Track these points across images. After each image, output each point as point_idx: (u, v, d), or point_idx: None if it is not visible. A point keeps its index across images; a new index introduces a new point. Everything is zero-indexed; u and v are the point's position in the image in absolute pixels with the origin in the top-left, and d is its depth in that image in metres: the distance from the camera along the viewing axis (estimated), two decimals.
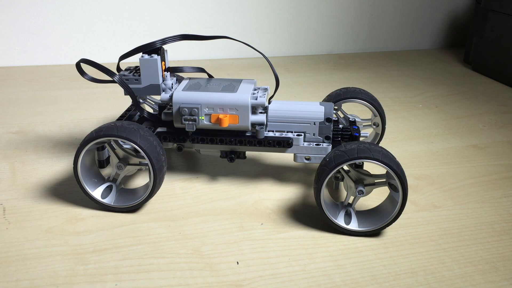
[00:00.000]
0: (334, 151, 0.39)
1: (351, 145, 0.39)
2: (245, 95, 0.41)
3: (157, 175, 0.39)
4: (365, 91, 0.50)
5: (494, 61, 0.83)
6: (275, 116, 0.44)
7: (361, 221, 0.41)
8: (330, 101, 0.50)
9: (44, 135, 0.54)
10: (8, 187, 0.44)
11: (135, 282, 0.35)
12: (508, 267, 0.38)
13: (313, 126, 0.44)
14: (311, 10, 0.89)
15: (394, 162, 0.38)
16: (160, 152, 0.40)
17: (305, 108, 0.44)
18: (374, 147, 0.38)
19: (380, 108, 0.50)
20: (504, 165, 0.54)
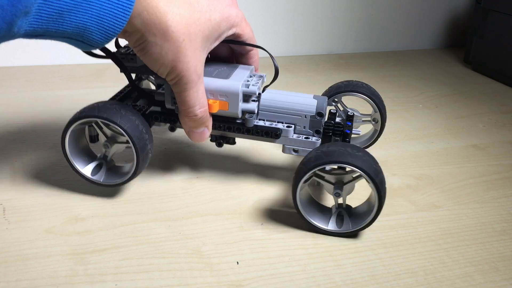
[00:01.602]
0: (315, 151, 0.38)
1: (333, 147, 0.38)
2: (237, 82, 0.40)
3: (139, 154, 0.40)
4: (367, 86, 0.50)
5: (494, 61, 0.83)
6: (267, 106, 0.43)
7: (344, 221, 0.41)
8: (330, 93, 0.49)
9: (44, 135, 0.54)
10: (8, 187, 0.44)
11: (135, 282, 0.35)
12: (508, 267, 0.38)
13: (304, 119, 0.43)
14: (311, 10, 0.89)
15: (373, 169, 0.37)
16: (143, 130, 0.40)
17: (297, 100, 0.43)
18: (356, 151, 0.37)
19: (381, 104, 0.50)
20: (504, 165, 0.54)
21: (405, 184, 0.49)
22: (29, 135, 0.54)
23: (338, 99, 0.50)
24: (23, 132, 0.54)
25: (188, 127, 0.40)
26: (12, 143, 0.52)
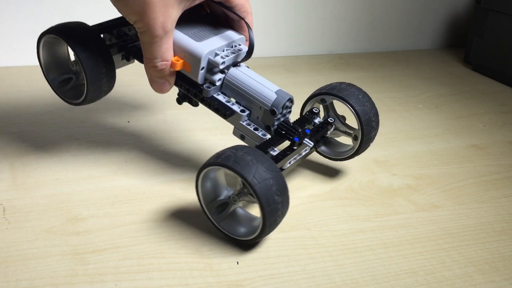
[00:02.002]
0: (229, 149, 0.36)
1: (237, 152, 0.35)
2: (204, 48, 0.39)
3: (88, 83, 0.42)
4: (363, 98, 0.45)
5: (494, 61, 0.83)
6: (231, 82, 0.41)
7: (239, 224, 0.39)
8: (322, 91, 0.46)
9: (44, 135, 0.54)
10: (8, 187, 0.44)
11: (135, 282, 0.35)
12: (508, 267, 0.38)
13: (259, 110, 0.41)
14: (311, 10, 0.89)
15: (264, 187, 0.34)
16: (99, 62, 0.42)
17: (259, 88, 0.41)
18: (254, 162, 0.35)
19: (368, 123, 0.45)
20: (504, 165, 0.54)
21: (405, 184, 0.49)
22: (29, 135, 0.54)
23: (327, 100, 0.46)
24: (23, 132, 0.54)
25: (149, 75, 0.40)
26: (12, 143, 0.52)
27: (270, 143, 0.40)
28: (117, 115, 0.60)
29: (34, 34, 0.76)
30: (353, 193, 0.47)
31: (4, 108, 0.61)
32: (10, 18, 0.74)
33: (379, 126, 0.47)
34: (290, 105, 0.42)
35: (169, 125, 0.58)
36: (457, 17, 1.01)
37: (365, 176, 0.50)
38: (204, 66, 0.40)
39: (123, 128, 0.57)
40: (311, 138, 0.42)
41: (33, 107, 0.61)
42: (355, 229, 0.42)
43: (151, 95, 0.67)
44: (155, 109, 0.62)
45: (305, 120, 0.44)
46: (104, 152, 0.51)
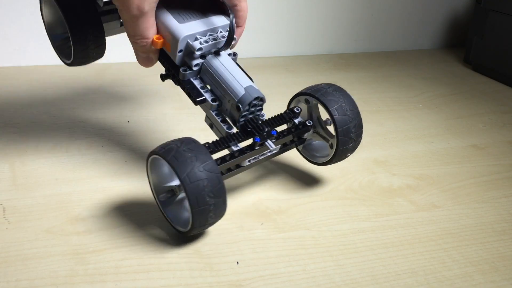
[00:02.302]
0: (175, 141, 0.36)
1: (181, 146, 0.35)
2: (185, 31, 0.38)
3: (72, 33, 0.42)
4: (345, 106, 0.42)
5: (494, 61, 0.83)
6: (206, 70, 0.40)
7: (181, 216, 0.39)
8: (308, 90, 0.44)
9: (44, 135, 0.54)
10: (8, 187, 0.44)
11: (135, 282, 0.35)
12: (508, 267, 0.38)
13: (228, 103, 0.40)
14: (311, 10, 0.89)
15: (195, 187, 0.34)
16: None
17: (230, 81, 0.39)
18: (193, 160, 0.34)
19: (346, 134, 0.42)
20: (504, 165, 0.54)
21: (405, 184, 0.49)
22: (29, 135, 0.54)
23: (310, 101, 0.44)
24: (23, 132, 0.54)
25: (134, 49, 0.40)
26: (12, 143, 0.52)
27: (233, 138, 0.39)
28: (117, 115, 0.60)
29: (34, 34, 0.76)
30: (353, 193, 0.47)
31: (4, 108, 0.61)
32: (10, 18, 0.74)
33: (360, 138, 0.44)
34: (258, 103, 0.40)
35: (169, 125, 0.58)
36: (457, 17, 1.01)
37: (365, 176, 0.50)
38: (182, 49, 0.39)
39: (123, 128, 0.57)
40: (278, 139, 0.41)
41: (33, 107, 0.61)
42: (355, 229, 0.42)
43: (151, 95, 0.67)
44: (155, 109, 0.62)
45: (281, 119, 0.42)
46: (104, 152, 0.51)
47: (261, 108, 0.40)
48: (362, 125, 0.43)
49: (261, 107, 0.40)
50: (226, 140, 0.39)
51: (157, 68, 0.44)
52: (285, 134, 0.42)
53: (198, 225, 0.36)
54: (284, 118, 0.43)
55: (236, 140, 0.40)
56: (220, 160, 0.38)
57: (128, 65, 0.78)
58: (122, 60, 0.80)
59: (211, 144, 0.39)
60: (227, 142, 0.39)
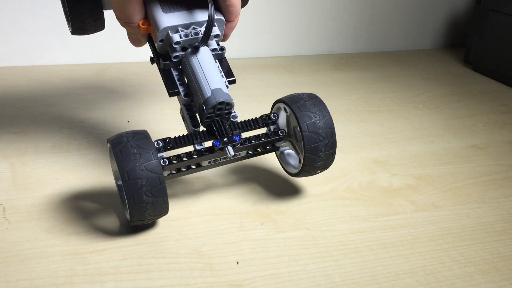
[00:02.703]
0: (128, 134, 0.36)
1: (129, 141, 0.35)
2: (167, 22, 0.38)
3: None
4: (319, 122, 0.40)
5: (494, 61, 0.83)
6: (184, 64, 0.39)
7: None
8: (286, 100, 0.42)
9: (44, 135, 0.54)
10: (8, 187, 0.44)
11: (135, 282, 0.35)
12: (508, 267, 0.38)
13: (197, 101, 0.39)
14: (311, 10, 0.89)
15: (132, 185, 0.34)
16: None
17: (201, 81, 0.38)
18: (136, 157, 0.34)
19: (313, 152, 0.40)
20: (504, 165, 0.54)
21: (405, 184, 0.49)
22: (29, 135, 0.54)
23: (287, 111, 0.42)
24: (23, 132, 0.54)
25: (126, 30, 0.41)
26: (12, 143, 0.52)
27: (197, 136, 0.39)
28: (117, 115, 0.60)
29: (34, 34, 0.76)
30: (353, 193, 0.47)
31: (4, 108, 0.61)
32: (10, 18, 0.74)
33: (333, 158, 0.42)
34: (223, 107, 0.38)
35: (169, 125, 0.58)
36: (457, 17, 1.01)
37: (365, 176, 0.50)
38: (163, 39, 0.39)
39: (123, 128, 0.57)
40: (243, 145, 0.40)
41: (33, 107, 0.61)
42: (355, 229, 0.42)
43: (151, 95, 0.67)
44: (155, 109, 0.63)
45: (255, 124, 0.41)
46: (104, 152, 0.51)
47: (229, 112, 0.39)
48: (336, 144, 0.41)
49: (228, 111, 0.39)
50: (190, 138, 0.39)
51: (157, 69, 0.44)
52: (252, 141, 0.40)
53: (137, 219, 0.36)
54: (258, 123, 0.41)
55: (200, 139, 0.39)
56: (168, 160, 0.38)
57: (128, 65, 0.78)
58: (122, 60, 0.80)
59: (165, 141, 0.38)
60: (191, 140, 0.39)
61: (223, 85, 0.38)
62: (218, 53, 0.41)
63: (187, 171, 0.40)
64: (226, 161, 0.41)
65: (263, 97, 0.68)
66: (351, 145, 0.56)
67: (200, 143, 0.39)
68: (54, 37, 0.77)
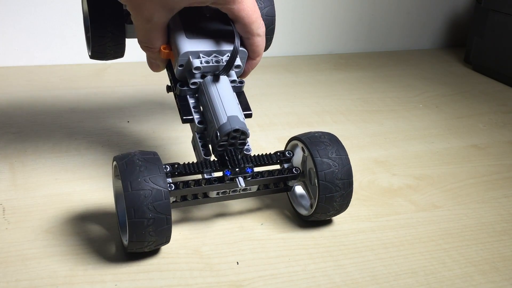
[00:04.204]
0: (136, 152, 0.35)
1: (136, 156, 0.34)
2: (189, 47, 0.37)
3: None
4: (338, 173, 0.38)
5: (494, 61, 0.83)
6: (201, 91, 0.39)
7: None
8: (306, 139, 0.39)
9: (44, 135, 0.54)
10: (7, 187, 0.44)
11: (135, 282, 0.35)
12: (508, 267, 0.38)
13: (211, 129, 0.38)
14: (311, 10, 0.89)
15: (135, 197, 0.33)
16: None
17: (217, 108, 0.37)
18: (141, 170, 0.33)
19: (327, 201, 0.38)
20: (504, 165, 0.54)
21: (405, 184, 0.49)
22: (29, 135, 0.54)
23: (305, 151, 0.40)
24: (23, 132, 0.54)
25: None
26: (12, 143, 0.52)
27: (208, 165, 0.38)
28: (117, 115, 0.60)
29: (34, 34, 0.76)
30: (353, 193, 0.47)
31: (4, 108, 0.61)
32: (10, 18, 0.74)
33: (346, 208, 0.41)
34: (240, 136, 0.37)
35: (169, 125, 0.58)
36: (457, 17, 1.01)
37: (365, 176, 0.50)
38: (183, 64, 0.38)
39: (123, 128, 0.57)
40: (254, 179, 0.38)
41: (33, 107, 0.61)
42: (355, 229, 0.42)
43: (151, 95, 0.67)
44: (155, 109, 0.62)
45: (268, 159, 0.40)
46: (104, 152, 0.51)
47: (243, 142, 0.38)
48: (351, 195, 0.40)
49: (243, 141, 0.38)
50: (200, 166, 0.38)
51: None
52: (264, 176, 0.39)
53: (135, 239, 0.34)
54: (271, 158, 0.40)
55: (211, 168, 0.38)
56: (175, 185, 0.36)
57: (128, 65, 0.78)
58: (122, 60, 0.80)
59: (173, 166, 0.37)
60: (201, 168, 0.38)
61: (240, 113, 0.38)
62: (237, 86, 0.40)
63: (193, 201, 0.39)
64: (234, 195, 0.39)
65: (263, 97, 0.68)
66: (351, 145, 0.56)
67: (210, 173, 0.38)
68: (54, 37, 0.77)
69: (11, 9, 0.73)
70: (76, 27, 0.77)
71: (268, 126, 0.60)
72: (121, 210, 0.38)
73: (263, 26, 0.39)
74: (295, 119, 0.63)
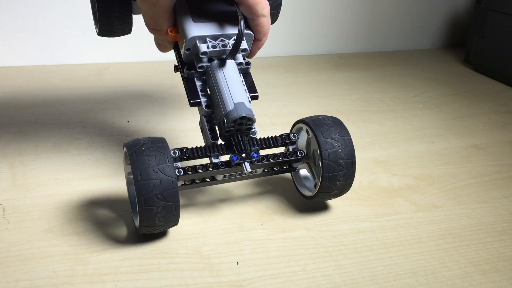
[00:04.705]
0: (147, 138, 0.36)
1: (146, 144, 0.35)
2: (196, 31, 0.37)
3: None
4: (341, 153, 0.39)
5: (494, 61, 0.83)
6: (208, 75, 0.39)
7: None
8: (310, 122, 0.40)
9: (44, 135, 0.54)
10: (7, 187, 0.44)
11: (135, 282, 0.35)
12: (508, 267, 0.38)
13: (218, 114, 0.38)
14: (311, 10, 0.89)
15: (144, 186, 0.34)
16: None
17: (224, 93, 0.38)
18: (150, 160, 0.34)
19: (331, 180, 0.39)
20: (504, 165, 0.54)
21: (405, 184, 0.49)
22: (29, 135, 0.54)
23: (310, 133, 0.41)
24: (23, 132, 0.54)
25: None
26: (12, 143, 0.52)
27: (215, 149, 0.39)
28: (117, 115, 0.60)
29: (34, 34, 0.76)
30: (353, 193, 0.47)
31: (4, 108, 0.61)
32: (10, 18, 0.74)
33: (348, 188, 0.41)
34: (246, 122, 0.38)
35: (169, 125, 0.58)
36: (457, 17, 1.01)
37: (365, 176, 0.50)
38: (190, 48, 0.38)
39: (123, 128, 0.57)
40: (260, 163, 0.39)
41: (33, 107, 0.61)
42: (355, 229, 0.42)
43: (151, 95, 0.67)
44: (155, 109, 0.62)
45: (274, 142, 0.41)
46: (104, 152, 0.51)
47: (249, 127, 0.39)
48: (354, 175, 0.41)
49: (249, 126, 0.39)
50: (207, 150, 0.39)
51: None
52: (270, 160, 0.40)
53: (146, 224, 0.36)
54: (277, 141, 0.41)
55: (218, 152, 0.39)
56: (183, 170, 0.37)
57: (128, 65, 0.78)
58: (122, 60, 0.80)
59: (182, 150, 0.38)
60: (208, 152, 0.38)
61: (246, 100, 0.38)
62: (244, 68, 0.41)
63: (201, 184, 0.40)
64: (241, 177, 0.40)
65: (263, 97, 0.68)
66: None
67: (217, 157, 0.39)
68: (54, 37, 0.77)
69: (11, 9, 0.73)
70: (76, 27, 0.77)
71: (268, 126, 0.60)
72: (132, 194, 0.40)
73: (267, 6, 0.39)
74: (295, 119, 0.62)
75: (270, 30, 0.90)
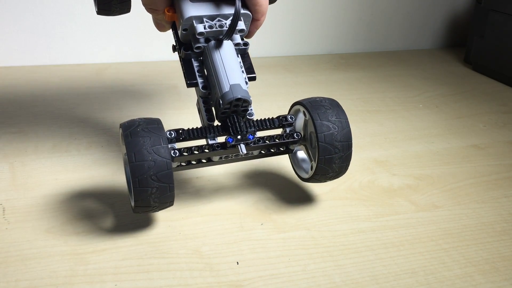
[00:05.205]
0: (143, 119, 0.36)
1: (141, 125, 0.35)
2: (192, 11, 0.37)
3: None
4: (337, 135, 0.39)
5: (494, 61, 0.83)
6: (205, 55, 0.38)
7: None
8: (307, 104, 0.40)
9: (44, 135, 0.54)
10: (7, 187, 0.44)
11: (135, 282, 0.35)
12: (508, 268, 0.38)
13: (214, 95, 0.38)
14: (311, 10, 0.89)
15: (138, 167, 0.34)
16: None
17: (220, 75, 0.37)
18: (145, 141, 0.35)
19: (327, 163, 0.39)
20: (504, 165, 0.54)
21: (405, 184, 0.49)
22: (29, 135, 0.54)
23: (307, 115, 0.41)
24: (23, 132, 0.54)
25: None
26: (12, 143, 0.52)
27: (211, 130, 0.39)
28: (117, 115, 0.60)
29: (34, 34, 0.76)
30: (353, 193, 0.47)
31: (4, 108, 0.61)
32: (10, 18, 0.74)
33: (345, 171, 0.41)
34: (240, 104, 0.37)
35: (169, 125, 0.58)
36: (457, 17, 1.01)
37: (365, 176, 0.50)
38: (187, 28, 0.38)
39: None
40: (256, 144, 0.39)
41: (33, 107, 0.61)
42: (355, 229, 0.42)
43: (151, 95, 0.67)
44: (155, 109, 0.63)
45: (271, 123, 0.40)
46: (104, 152, 0.51)
47: (245, 109, 0.38)
48: (350, 158, 0.40)
49: (245, 108, 0.38)
50: (203, 131, 0.39)
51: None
52: (266, 141, 0.40)
53: (141, 204, 0.36)
54: (274, 123, 0.41)
55: (214, 134, 0.39)
56: (179, 151, 0.37)
57: (128, 65, 0.78)
58: (122, 60, 0.80)
59: (178, 132, 0.38)
60: (204, 133, 0.38)
61: (243, 81, 0.38)
62: (242, 48, 0.40)
63: (197, 165, 0.40)
64: (237, 158, 0.41)
65: (263, 97, 0.68)
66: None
67: (213, 138, 0.39)
68: (54, 37, 0.77)
69: (11, 9, 0.73)
70: (76, 27, 0.77)
71: None
72: (128, 174, 0.40)
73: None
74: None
75: (271, 30, 0.90)
